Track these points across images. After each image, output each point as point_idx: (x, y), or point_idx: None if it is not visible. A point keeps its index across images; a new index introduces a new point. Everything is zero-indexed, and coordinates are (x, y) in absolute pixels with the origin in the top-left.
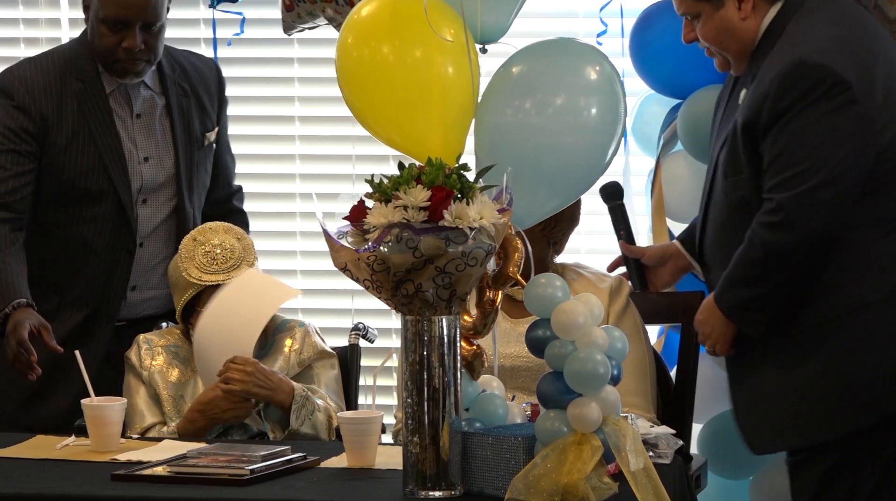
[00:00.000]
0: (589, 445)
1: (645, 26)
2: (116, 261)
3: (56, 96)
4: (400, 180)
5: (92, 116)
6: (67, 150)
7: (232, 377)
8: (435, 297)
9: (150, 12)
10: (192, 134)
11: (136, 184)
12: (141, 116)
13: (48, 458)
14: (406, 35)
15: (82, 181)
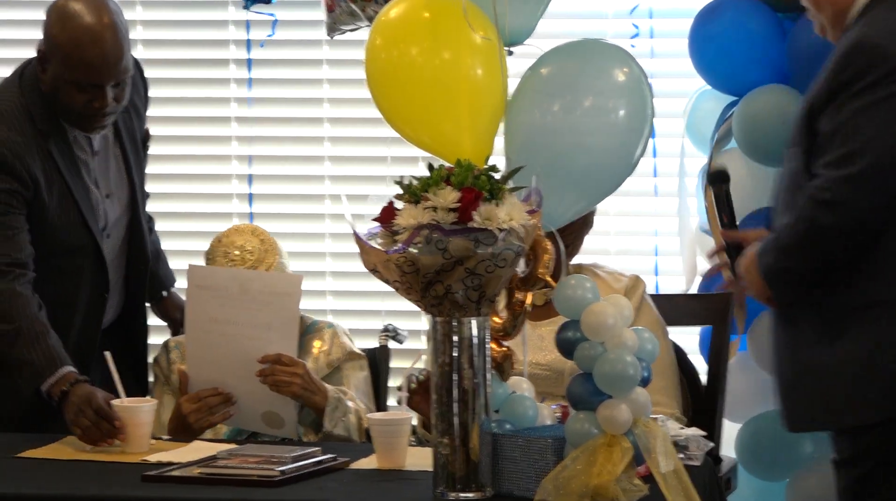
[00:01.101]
0: (619, 447)
1: (706, 21)
2: (92, 306)
3: (38, 157)
4: (429, 182)
5: (67, 172)
6: (52, 208)
7: (282, 379)
8: (464, 298)
9: (121, 70)
10: (138, 152)
11: (102, 222)
12: (98, 152)
13: (79, 459)
14: (435, 36)
15: (65, 237)
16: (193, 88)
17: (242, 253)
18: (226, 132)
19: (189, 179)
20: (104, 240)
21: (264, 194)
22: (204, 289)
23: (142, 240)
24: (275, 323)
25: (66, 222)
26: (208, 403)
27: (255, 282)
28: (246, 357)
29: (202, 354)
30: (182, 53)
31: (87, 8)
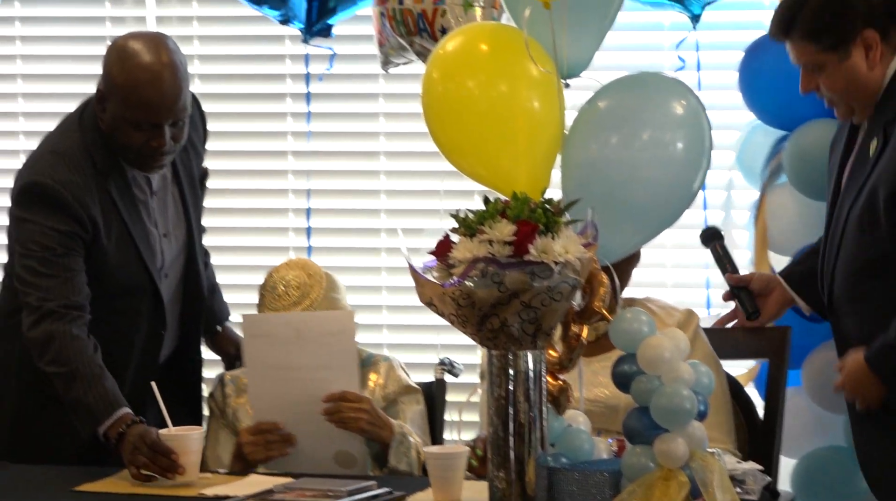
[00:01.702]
0: (676, 481)
1: (755, 56)
2: (149, 345)
3: (98, 198)
4: (485, 215)
5: (126, 212)
6: (110, 249)
7: (349, 416)
8: (520, 332)
9: (179, 110)
10: (195, 191)
11: (160, 262)
12: (157, 191)
13: (135, 492)
14: (491, 70)
15: (123, 277)
16: (250, 123)
17: (287, 288)
18: (283, 166)
19: (246, 213)
20: (162, 280)
21: (322, 228)
22: (259, 337)
23: (198, 278)
24: (334, 362)
25: (124, 262)
26: (266, 438)
27: (308, 324)
28: (310, 400)
29: (266, 401)
30: (239, 88)
31: (147, 47)
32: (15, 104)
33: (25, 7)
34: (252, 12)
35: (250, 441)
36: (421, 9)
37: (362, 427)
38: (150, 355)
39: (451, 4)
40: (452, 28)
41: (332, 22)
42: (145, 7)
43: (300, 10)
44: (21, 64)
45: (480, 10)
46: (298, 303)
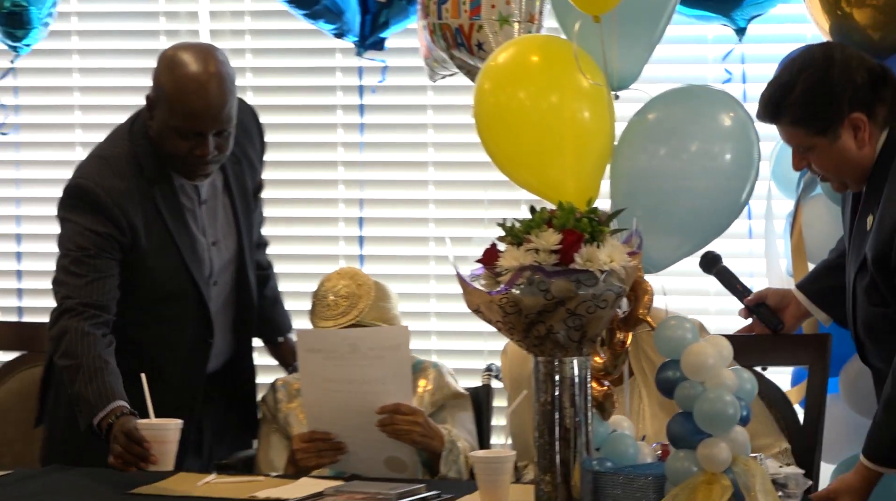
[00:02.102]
0: (719, 485)
1: None
2: (195, 353)
3: (138, 203)
4: (531, 224)
5: (170, 219)
6: (152, 255)
7: (402, 428)
8: (566, 338)
9: (224, 120)
10: (247, 202)
11: (207, 270)
12: (206, 200)
13: (189, 494)
14: (542, 81)
15: (166, 285)
16: (302, 134)
17: (336, 298)
18: (334, 176)
19: (299, 222)
20: (210, 287)
21: (373, 237)
22: (314, 352)
23: (248, 287)
24: (388, 376)
25: (166, 269)
26: (318, 446)
27: (363, 340)
28: (363, 410)
29: (320, 410)
30: (291, 100)
31: (195, 57)
32: (72, 116)
33: (83, 22)
34: (304, 26)
35: (302, 447)
36: (458, 24)
37: (414, 439)
38: (197, 362)
39: (488, 20)
40: (489, 43)
41: (385, 35)
42: (199, 21)
43: (354, 24)
44: (78, 77)
45: (517, 25)
46: (346, 313)
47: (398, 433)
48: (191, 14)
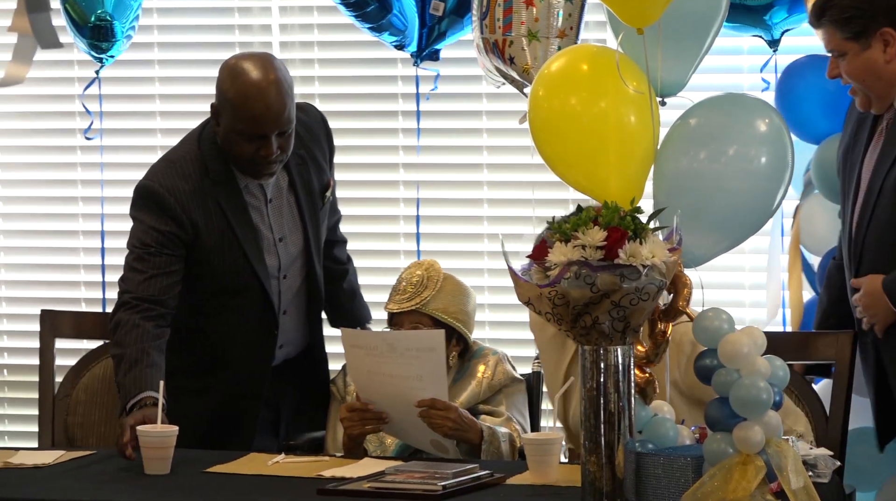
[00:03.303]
0: (753, 465)
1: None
2: (260, 343)
3: (201, 202)
4: (579, 222)
5: (234, 217)
6: (214, 251)
7: (435, 422)
8: (611, 329)
9: (284, 121)
10: (313, 200)
11: (275, 264)
12: (272, 200)
13: (261, 473)
14: (592, 88)
15: (229, 279)
16: (365, 138)
17: (407, 285)
18: (395, 177)
19: (362, 220)
20: (280, 281)
21: (430, 234)
22: (357, 348)
23: (316, 279)
24: (424, 374)
25: (228, 263)
26: (360, 415)
27: (400, 341)
28: (405, 399)
29: (370, 396)
30: (355, 107)
31: (255, 65)
32: (153, 122)
33: (163, 34)
34: (367, 38)
35: (347, 416)
36: (494, 39)
37: (447, 432)
38: (262, 351)
39: (517, 36)
40: (520, 56)
41: (439, 47)
42: (271, 34)
43: (413, 36)
44: (159, 85)
45: (546, 41)
46: (411, 299)
47: (433, 426)
48: (263, 27)
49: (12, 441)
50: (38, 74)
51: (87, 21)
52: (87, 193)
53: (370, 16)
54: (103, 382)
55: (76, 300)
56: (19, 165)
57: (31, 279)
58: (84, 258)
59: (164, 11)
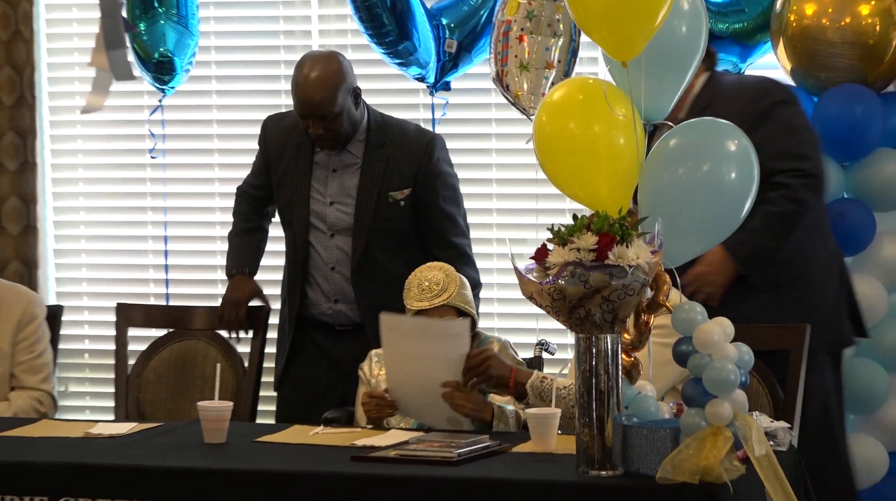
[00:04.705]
0: (722, 436)
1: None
2: (296, 278)
3: (281, 145)
4: (574, 229)
5: (297, 166)
6: (276, 186)
7: (458, 403)
8: (601, 320)
9: (323, 108)
10: (376, 190)
11: (321, 221)
12: (337, 170)
13: (303, 443)
14: (587, 114)
15: (282, 211)
16: None
17: (430, 284)
18: None
19: None
20: (329, 237)
21: None
22: (394, 331)
23: (367, 257)
24: (450, 356)
25: (282, 199)
26: (377, 402)
27: (431, 327)
28: (430, 379)
29: (399, 375)
30: None
31: (308, 61)
32: (211, 143)
33: (219, 69)
34: (394, 71)
35: (366, 402)
36: (497, 69)
37: (466, 413)
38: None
39: (511, 67)
40: (513, 84)
41: (450, 79)
42: None
43: (431, 70)
44: (216, 112)
45: (535, 71)
46: (439, 295)
47: (455, 406)
48: None
49: (92, 414)
50: (112, 102)
51: (151, 57)
52: (153, 203)
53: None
54: (168, 365)
55: (145, 295)
56: (98, 180)
57: (108, 277)
58: (151, 259)
59: (220, 49)
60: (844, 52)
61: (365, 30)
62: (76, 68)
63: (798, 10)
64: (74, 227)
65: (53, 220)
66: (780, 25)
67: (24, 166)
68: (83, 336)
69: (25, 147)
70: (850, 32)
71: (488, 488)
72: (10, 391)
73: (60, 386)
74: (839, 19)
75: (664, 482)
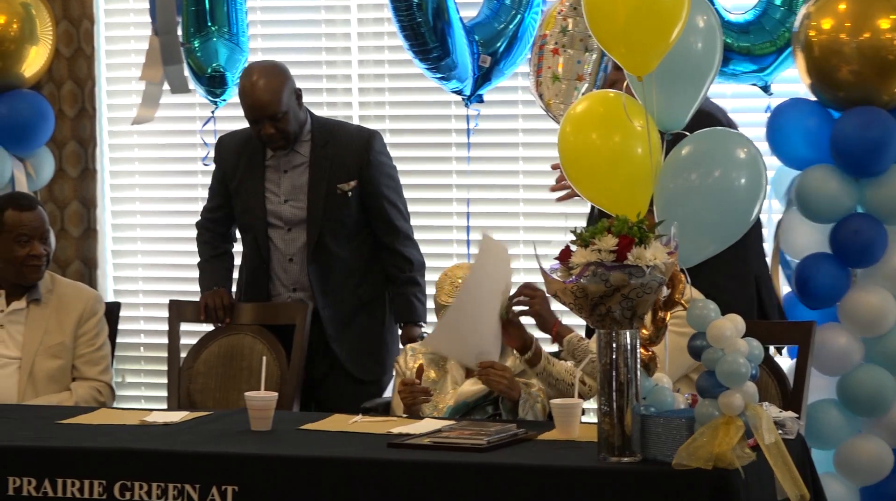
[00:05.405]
0: (734, 425)
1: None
2: (259, 273)
3: (236, 155)
4: (595, 231)
5: (251, 173)
6: (234, 194)
7: (494, 379)
8: (621, 316)
9: (272, 108)
10: (325, 184)
11: (277, 218)
12: (287, 171)
13: (342, 430)
14: (608, 125)
15: (240, 217)
16: (424, 164)
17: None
18: (448, 196)
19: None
20: (285, 232)
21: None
22: (488, 253)
23: (321, 247)
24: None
25: (240, 205)
26: (411, 389)
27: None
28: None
29: (468, 298)
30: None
31: (251, 69)
32: None
33: None
34: (431, 83)
35: (401, 390)
36: (533, 79)
37: (501, 389)
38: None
39: (545, 78)
40: (546, 93)
41: (483, 91)
42: (351, 81)
43: (468, 84)
44: None
45: (566, 83)
46: None
47: (490, 383)
48: (345, 76)
49: (147, 403)
50: (167, 113)
51: (204, 72)
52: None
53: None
54: (218, 357)
55: (196, 293)
56: (153, 186)
57: (162, 276)
58: None
59: None
60: (862, 67)
61: (409, 47)
62: (133, 82)
63: (817, 25)
64: (131, 229)
65: (112, 223)
66: (799, 40)
67: (84, 173)
68: (139, 331)
69: (86, 155)
70: (868, 48)
71: (516, 473)
72: (72, 381)
73: (118, 377)
74: (858, 34)
75: (680, 467)
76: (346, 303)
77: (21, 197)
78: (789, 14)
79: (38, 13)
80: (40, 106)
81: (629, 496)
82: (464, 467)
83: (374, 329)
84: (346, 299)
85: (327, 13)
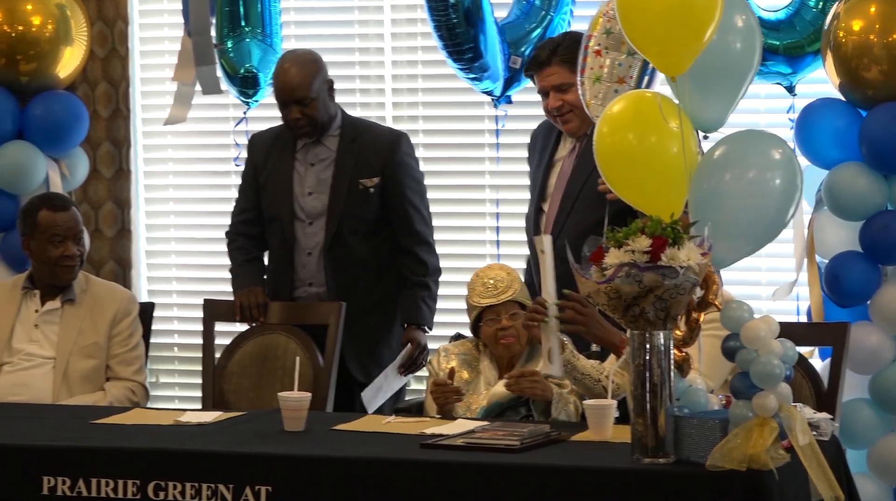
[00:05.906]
0: (768, 426)
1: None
2: (282, 265)
3: (267, 149)
4: (629, 232)
5: (280, 165)
6: (263, 186)
7: (526, 386)
8: (654, 317)
9: (299, 92)
10: (347, 179)
11: (301, 210)
12: (314, 165)
13: (376, 431)
14: (644, 126)
15: (268, 208)
16: (458, 165)
17: (495, 282)
18: (480, 196)
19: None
20: (307, 225)
21: (507, 241)
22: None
23: (341, 243)
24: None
25: (267, 197)
26: (443, 389)
27: None
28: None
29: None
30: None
31: (286, 56)
32: None
33: None
34: (462, 84)
35: (433, 390)
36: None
37: (536, 393)
38: (282, 283)
39: (587, 78)
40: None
41: (510, 93)
42: (384, 82)
43: (499, 85)
44: None
45: (608, 84)
46: (505, 292)
47: (522, 391)
48: (378, 77)
49: (181, 403)
50: (200, 114)
51: (237, 73)
52: None
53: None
54: (252, 357)
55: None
56: (187, 187)
57: (196, 276)
58: None
59: None
60: (892, 67)
61: (444, 47)
62: (167, 83)
63: (846, 25)
64: (165, 230)
65: (146, 223)
66: (828, 40)
67: (119, 174)
68: (173, 331)
69: (120, 156)
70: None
71: (549, 473)
72: (106, 381)
73: (152, 377)
74: (887, 35)
75: (713, 469)
76: (358, 301)
77: (55, 197)
78: (821, 15)
79: (72, 14)
80: (75, 107)
81: (662, 497)
82: (497, 468)
83: (382, 331)
84: (360, 297)
85: (361, 14)
